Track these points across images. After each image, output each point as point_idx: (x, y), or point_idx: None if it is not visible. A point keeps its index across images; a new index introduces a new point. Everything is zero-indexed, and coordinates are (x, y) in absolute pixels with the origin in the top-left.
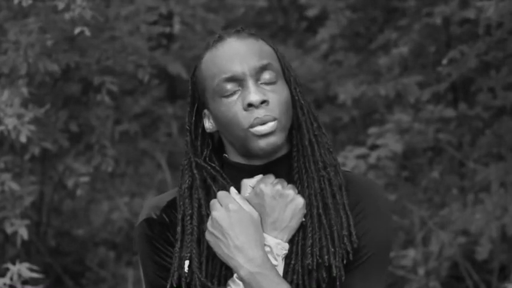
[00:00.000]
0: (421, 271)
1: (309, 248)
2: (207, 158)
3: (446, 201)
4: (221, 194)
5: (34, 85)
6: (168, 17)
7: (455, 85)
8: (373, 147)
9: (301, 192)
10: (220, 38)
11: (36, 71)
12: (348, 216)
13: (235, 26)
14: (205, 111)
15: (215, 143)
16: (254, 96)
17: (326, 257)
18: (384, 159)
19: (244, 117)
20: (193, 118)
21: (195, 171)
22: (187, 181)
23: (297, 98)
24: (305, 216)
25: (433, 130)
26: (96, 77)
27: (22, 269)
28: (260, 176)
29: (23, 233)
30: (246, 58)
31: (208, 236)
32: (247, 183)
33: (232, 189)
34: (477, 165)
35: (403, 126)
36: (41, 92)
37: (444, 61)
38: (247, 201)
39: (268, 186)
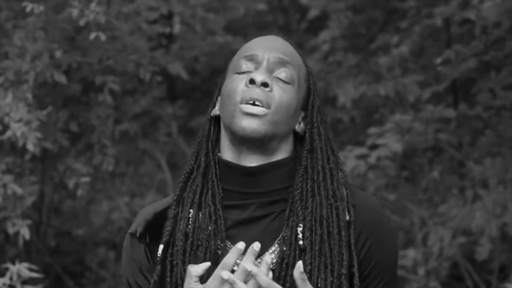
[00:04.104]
0: (421, 271)
1: (308, 275)
2: (216, 159)
3: (446, 201)
4: None
5: (35, 86)
6: (169, 17)
7: (456, 85)
8: (373, 147)
9: (302, 215)
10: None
11: (43, 80)
12: (353, 256)
13: (236, 26)
14: (219, 97)
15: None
16: (259, 75)
17: None
18: (383, 159)
19: (241, 92)
20: (212, 114)
21: (202, 159)
22: (188, 167)
23: (316, 124)
24: (304, 239)
25: (433, 130)
26: (98, 77)
27: (21, 268)
28: (208, 264)
29: (25, 233)
30: (272, 49)
31: None
32: (192, 272)
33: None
34: (477, 165)
35: (403, 126)
36: (42, 93)
37: (438, 60)
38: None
39: None
